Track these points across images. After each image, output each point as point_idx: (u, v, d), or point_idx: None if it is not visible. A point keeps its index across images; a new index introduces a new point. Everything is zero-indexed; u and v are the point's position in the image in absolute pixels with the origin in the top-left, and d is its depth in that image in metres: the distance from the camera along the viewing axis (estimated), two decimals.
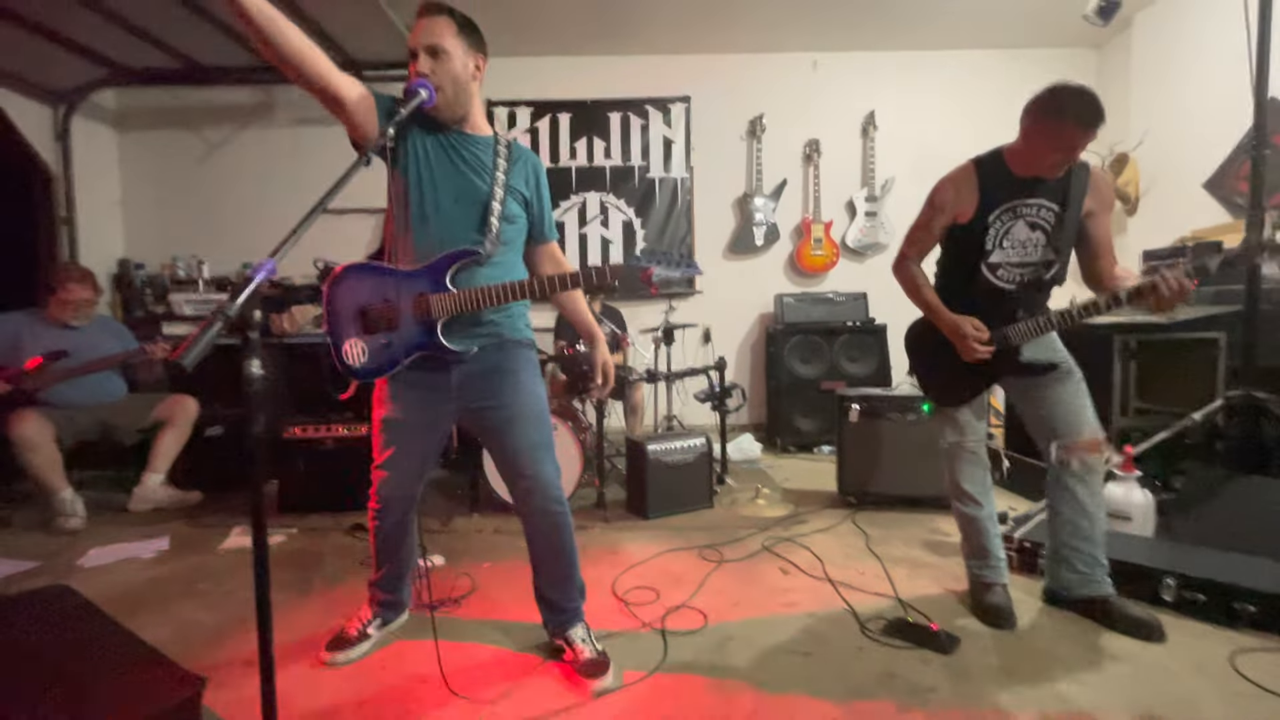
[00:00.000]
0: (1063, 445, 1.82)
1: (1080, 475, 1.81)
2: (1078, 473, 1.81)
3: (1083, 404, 1.83)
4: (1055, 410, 1.83)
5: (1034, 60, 4.56)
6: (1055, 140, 1.67)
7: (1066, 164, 1.72)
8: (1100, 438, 1.83)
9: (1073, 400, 1.82)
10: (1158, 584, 1.92)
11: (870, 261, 4.82)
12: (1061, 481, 1.84)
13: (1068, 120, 1.64)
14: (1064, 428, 1.82)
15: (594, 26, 4.31)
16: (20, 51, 3.55)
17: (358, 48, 3.90)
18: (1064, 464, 1.83)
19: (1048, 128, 1.67)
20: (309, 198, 1.11)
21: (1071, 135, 1.65)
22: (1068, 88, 1.65)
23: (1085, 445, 1.81)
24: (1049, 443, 1.86)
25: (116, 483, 3.37)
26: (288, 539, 2.68)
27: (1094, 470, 1.82)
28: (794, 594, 2.11)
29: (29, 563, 2.46)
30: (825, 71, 4.77)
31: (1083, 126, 1.63)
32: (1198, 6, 3.50)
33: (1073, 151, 1.68)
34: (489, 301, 1.53)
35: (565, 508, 1.67)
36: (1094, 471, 1.82)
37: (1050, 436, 1.85)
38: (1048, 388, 1.83)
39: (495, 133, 1.66)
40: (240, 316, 0.89)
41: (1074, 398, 1.83)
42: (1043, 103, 1.68)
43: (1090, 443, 1.81)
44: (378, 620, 1.82)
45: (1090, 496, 1.82)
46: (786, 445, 4.22)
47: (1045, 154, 1.70)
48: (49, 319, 3.01)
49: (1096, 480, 1.83)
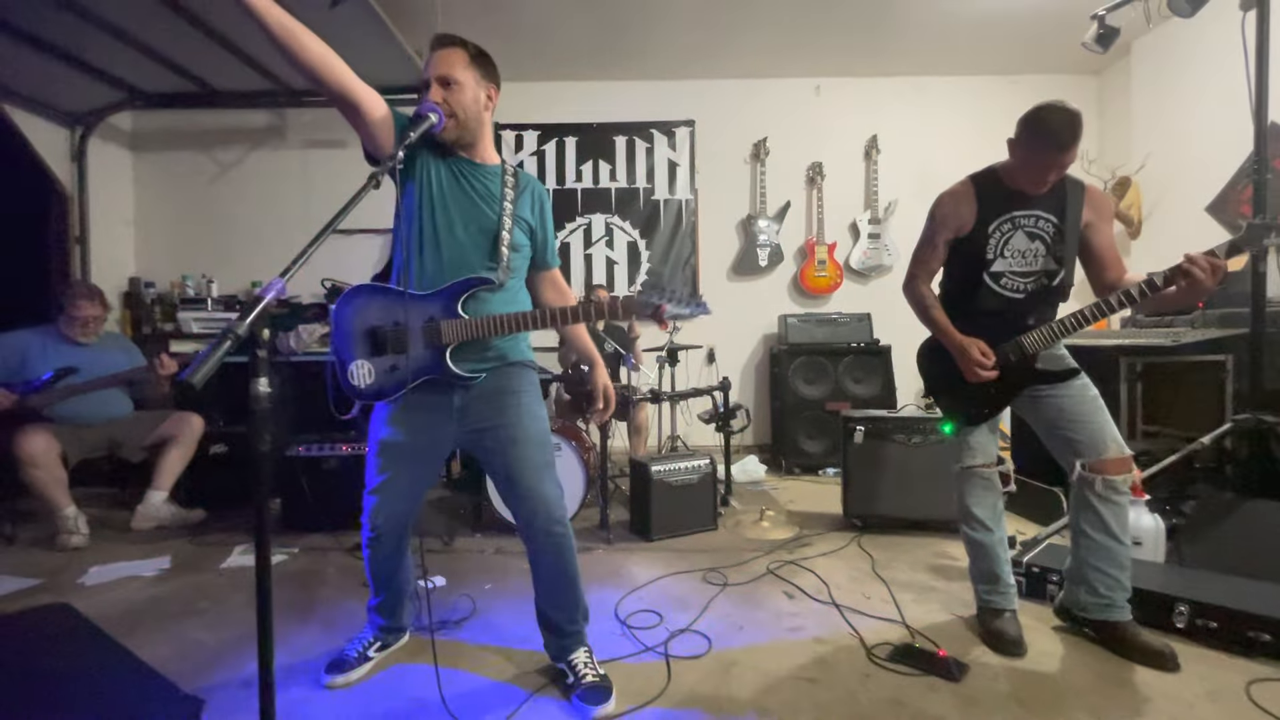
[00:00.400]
0: (1087, 464, 1.78)
1: (1105, 495, 1.76)
2: (1102, 493, 1.76)
3: (1104, 420, 1.79)
4: (1076, 427, 1.79)
5: (1035, 86, 4.62)
6: (1034, 158, 1.72)
7: (1048, 180, 1.76)
8: (1127, 455, 1.78)
9: (1094, 416, 1.79)
10: (1169, 610, 1.89)
11: (874, 283, 4.83)
12: (1086, 502, 1.79)
13: (1044, 140, 1.69)
14: (1087, 446, 1.78)
15: (600, 52, 4.40)
16: (41, 75, 3.64)
17: (370, 75, 3.96)
18: (1088, 483, 1.78)
19: (1029, 145, 1.73)
20: (317, 218, 1.13)
21: (1047, 154, 1.69)
22: (1048, 107, 1.70)
23: (1111, 464, 1.76)
24: (1071, 461, 1.81)
25: (120, 500, 3.38)
26: (289, 558, 2.67)
27: (1120, 490, 1.77)
28: (799, 619, 2.08)
29: (30, 580, 2.45)
30: (828, 96, 4.85)
31: (1058, 147, 1.68)
32: (1195, 33, 3.54)
33: (1051, 169, 1.72)
34: (500, 330, 1.54)
35: (568, 529, 1.66)
36: (1120, 491, 1.77)
37: (1073, 455, 1.80)
38: (1065, 405, 1.81)
39: (503, 160, 1.68)
40: (249, 335, 0.90)
41: (1095, 414, 1.79)
42: (1025, 122, 1.74)
43: (1116, 461, 1.76)
44: (378, 643, 1.80)
45: (1116, 518, 1.77)
46: (791, 467, 4.19)
47: (1030, 170, 1.75)
48: (60, 336, 3.04)
49: (1123, 500, 1.78)
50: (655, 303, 1.50)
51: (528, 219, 1.66)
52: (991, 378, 1.80)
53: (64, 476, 2.87)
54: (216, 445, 3.35)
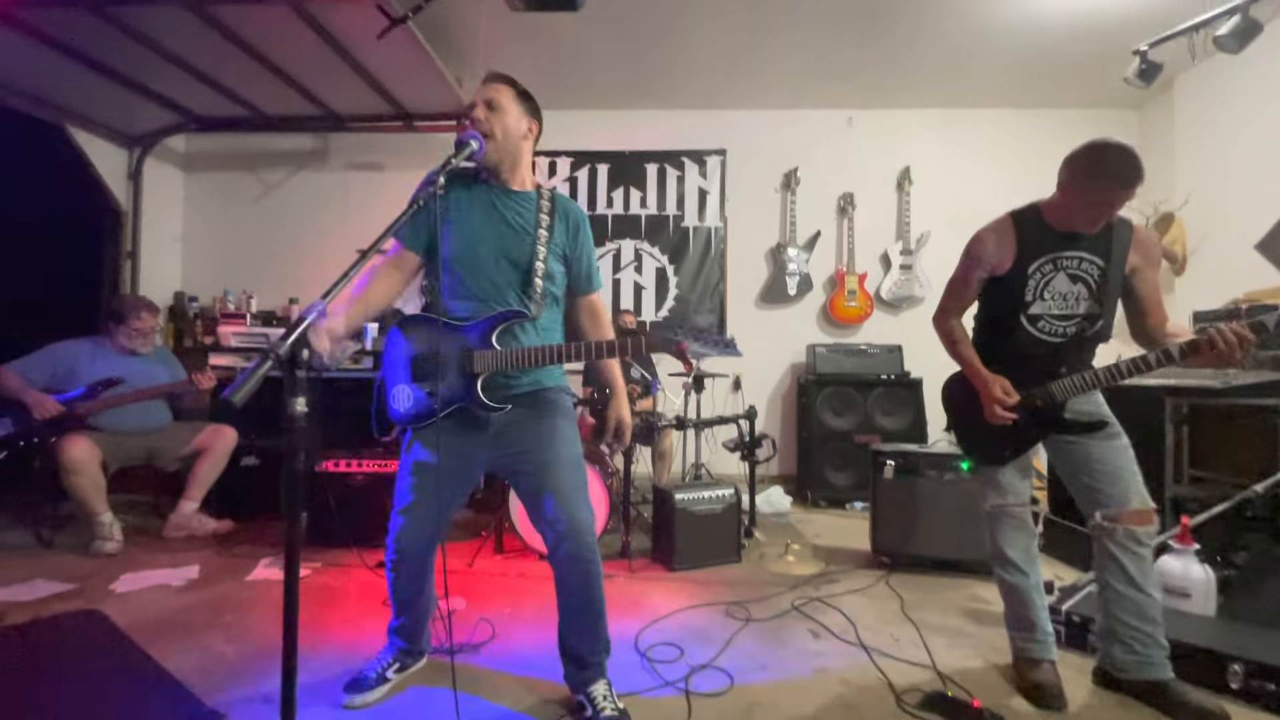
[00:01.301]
0: (1108, 514, 1.72)
1: (1126, 545, 1.70)
2: (1123, 543, 1.70)
3: (1131, 471, 1.73)
4: (1102, 478, 1.73)
5: (1073, 120, 4.56)
6: (1093, 195, 1.65)
7: (1103, 220, 1.70)
8: (1150, 509, 1.72)
9: (1121, 467, 1.73)
10: (1223, 669, 1.78)
11: (905, 314, 4.77)
12: (1107, 552, 1.73)
13: (1106, 178, 1.62)
14: (1110, 496, 1.72)
15: (634, 82, 4.48)
16: (106, 99, 3.84)
17: (412, 100, 4.11)
18: (1108, 533, 1.72)
19: (1086, 183, 1.65)
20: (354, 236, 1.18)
21: (1109, 192, 1.63)
22: (1108, 144, 1.64)
23: (1134, 516, 1.70)
24: (1092, 510, 1.76)
25: (154, 508, 3.45)
26: (313, 573, 2.69)
27: (1141, 541, 1.70)
28: (825, 659, 2.01)
29: (66, 585, 2.51)
30: (860, 127, 4.85)
31: (1121, 185, 1.61)
32: (1240, 68, 3.47)
33: (1110, 208, 1.67)
34: (530, 363, 1.56)
35: (597, 555, 1.64)
36: (1141, 542, 1.70)
37: (1095, 504, 1.75)
38: (1093, 452, 1.75)
39: (539, 185, 1.71)
40: (290, 355, 0.92)
41: (1122, 464, 1.73)
42: (1082, 158, 1.67)
43: (1139, 513, 1.70)
44: (396, 664, 1.79)
45: (1139, 569, 1.70)
46: (817, 499, 4.11)
47: (1082, 209, 1.69)
48: (110, 346, 3.16)
49: (1146, 553, 1.70)
50: (675, 340, 1.47)
51: (563, 246, 1.68)
52: (1009, 420, 1.75)
53: (103, 484, 2.95)
54: (248, 457, 3.42)
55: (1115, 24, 3.50)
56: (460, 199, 1.61)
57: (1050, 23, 3.60)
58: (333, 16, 3.11)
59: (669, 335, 1.48)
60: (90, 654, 1.63)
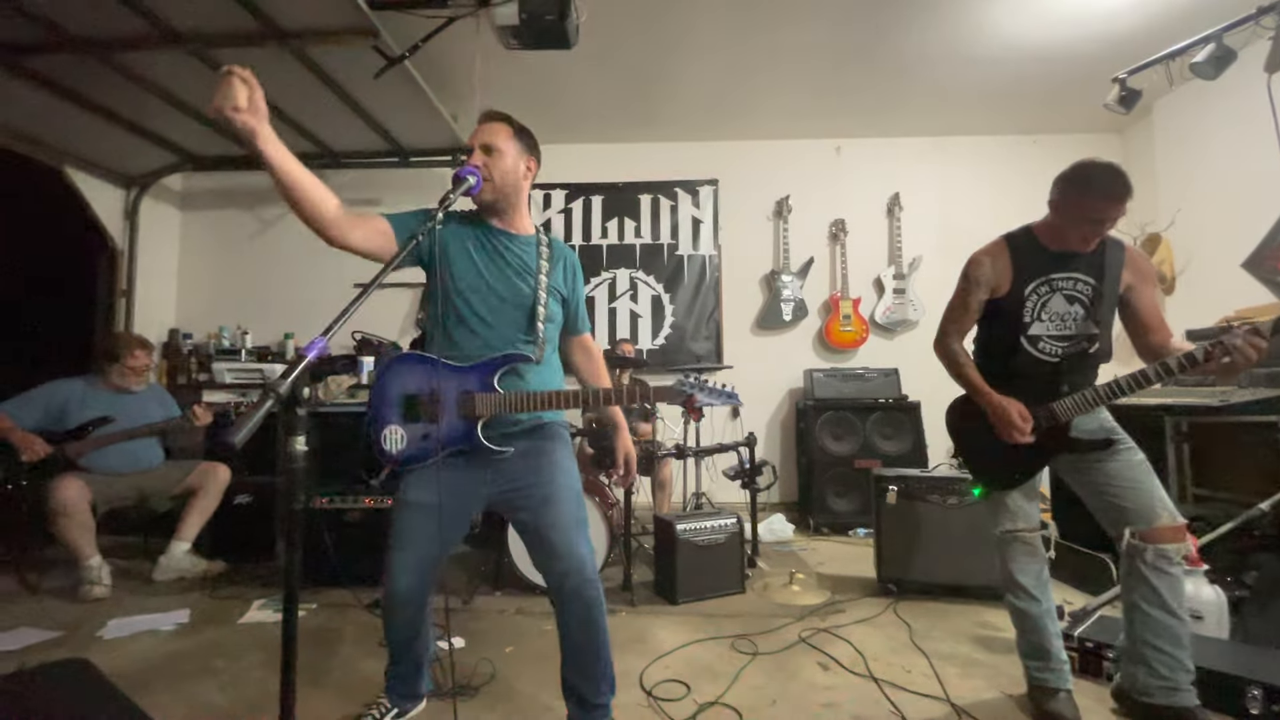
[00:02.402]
0: (1137, 533, 1.68)
1: (1158, 566, 1.65)
2: (1154, 563, 1.65)
3: (1153, 485, 1.70)
4: (1124, 493, 1.70)
5: (1057, 145, 4.66)
6: (1084, 212, 1.68)
7: (1095, 237, 1.73)
8: (1181, 524, 1.67)
9: (1142, 481, 1.70)
10: (1241, 694, 1.74)
11: (900, 338, 4.79)
12: (1138, 573, 1.68)
13: (1094, 194, 1.66)
14: (1136, 513, 1.69)
15: (626, 116, 4.57)
16: (103, 140, 3.88)
17: (408, 137, 4.17)
18: (1139, 553, 1.67)
19: (1077, 200, 1.69)
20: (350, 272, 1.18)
21: (1100, 209, 1.66)
22: (1095, 162, 1.69)
23: (1163, 533, 1.66)
24: (1120, 529, 1.71)
25: (144, 549, 3.38)
26: (308, 614, 2.62)
27: (1173, 560, 1.65)
28: (835, 692, 1.96)
29: (51, 633, 2.43)
30: (849, 156, 4.94)
31: (1111, 200, 1.65)
32: (1217, 93, 3.56)
33: (1102, 225, 1.69)
34: (533, 407, 1.56)
35: (600, 590, 1.60)
36: (1173, 562, 1.66)
37: (1121, 523, 1.71)
38: (1109, 469, 1.72)
39: (537, 230, 1.72)
40: (291, 394, 0.91)
41: (1140, 478, 1.71)
42: (1071, 176, 1.71)
43: (1169, 529, 1.66)
44: (394, 710, 1.73)
45: (1171, 591, 1.65)
46: (819, 526, 4.06)
47: (1075, 226, 1.71)
48: (102, 385, 3.12)
49: (1177, 572, 1.66)
50: (686, 393, 1.54)
51: (561, 289, 1.70)
52: (1029, 441, 1.74)
53: (92, 526, 2.89)
54: (241, 495, 3.35)
55: (1095, 52, 3.61)
56: (463, 236, 1.62)
57: (1033, 52, 3.71)
58: (330, 58, 3.17)
59: (678, 388, 1.54)
60: (75, 705, 1.56)
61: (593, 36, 3.28)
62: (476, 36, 3.23)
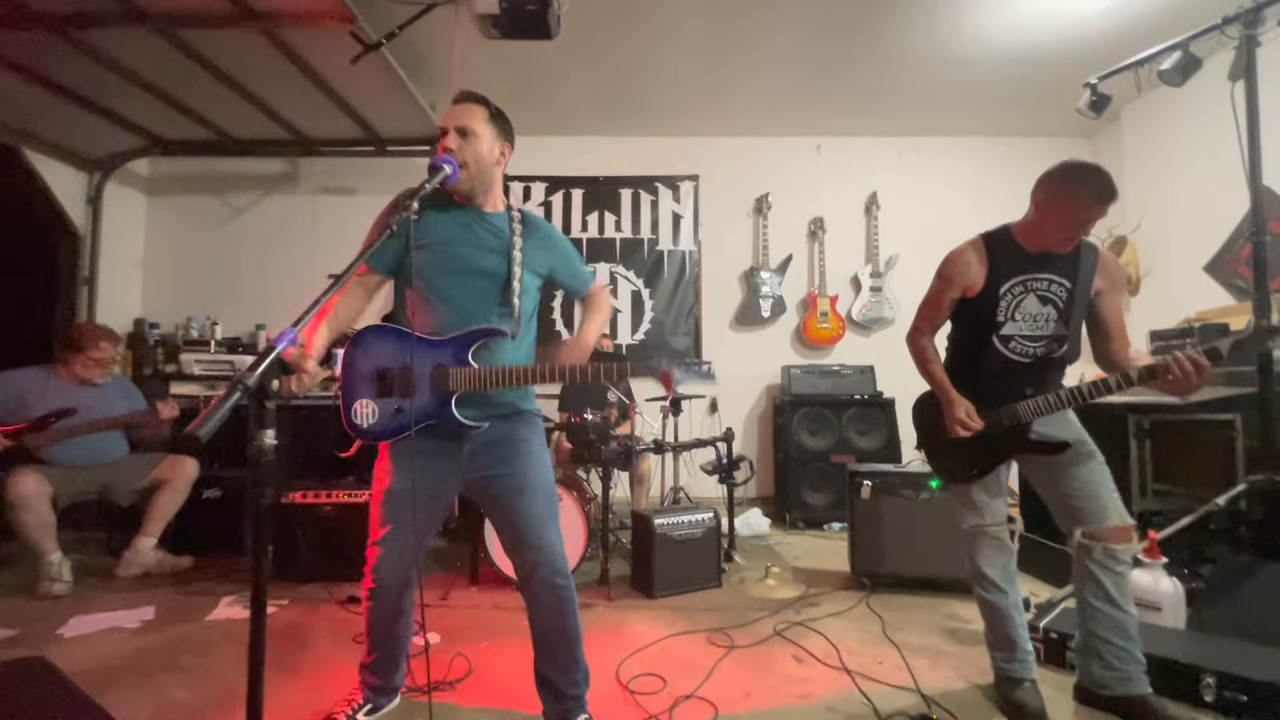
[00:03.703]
0: (1087, 532, 1.75)
1: (1104, 564, 1.73)
2: (1102, 560, 1.73)
3: (1107, 488, 1.77)
4: (1078, 494, 1.77)
5: (1029, 148, 4.76)
6: (1069, 212, 1.70)
7: (1076, 237, 1.75)
8: (1129, 525, 1.75)
9: (1097, 484, 1.77)
10: (1196, 681, 1.81)
11: (876, 335, 4.85)
12: (1086, 570, 1.76)
13: (1082, 193, 1.68)
14: (1088, 514, 1.75)
15: (607, 109, 4.55)
16: (64, 121, 3.73)
17: (385, 125, 4.10)
18: (1087, 551, 1.75)
19: (1063, 199, 1.71)
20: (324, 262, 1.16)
21: (1086, 208, 1.68)
22: (1083, 163, 1.72)
23: (1111, 533, 1.73)
24: (1072, 528, 1.79)
25: (107, 545, 3.28)
26: (279, 610, 2.58)
27: (1120, 559, 1.73)
28: (809, 684, 1.99)
29: (6, 631, 2.36)
30: (828, 155, 4.98)
31: (1098, 200, 1.67)
32: (1183, 100, 3.66)
33: (1084, 225, 1.72)
34: (507, 382, 1.54)
35: (570, 582, 1.60)
36: (1120, 560, 1.73)
37: (1074, 521, 1.78)
38: (1069, 470, 1.78)
39: (509, 205, 1.70)
40: (259, 386, 0.89)
41: (1097, 481, 1.77)
42: (1060, 175, 1.73)
43: (1117, 530, 1.74)
44: (368, 705, 1.72)
45: (1117, 586, 1.73)
46: (795, 520, 4.11)
47: (1057, 227, 1.73)
48: (62, 376, 3.01)
49: (1124, 571, 1.74)
50: (664, 368, 1.54)
51: (535, 262, 1.66)
52: (965, 436, 1.78)
53: (52, 521, 2.80)
54: (210, 490, 3.28)
55: (1068, 57, 3.68)
56: (436, 219, 1.59)
57: (1009, 55, 3.77)
58: (304, 42, 3.09)
59: (655, 364, 1.52)
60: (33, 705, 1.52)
61: (574, 28, 3.24)
62: (456, 25, 3.19)
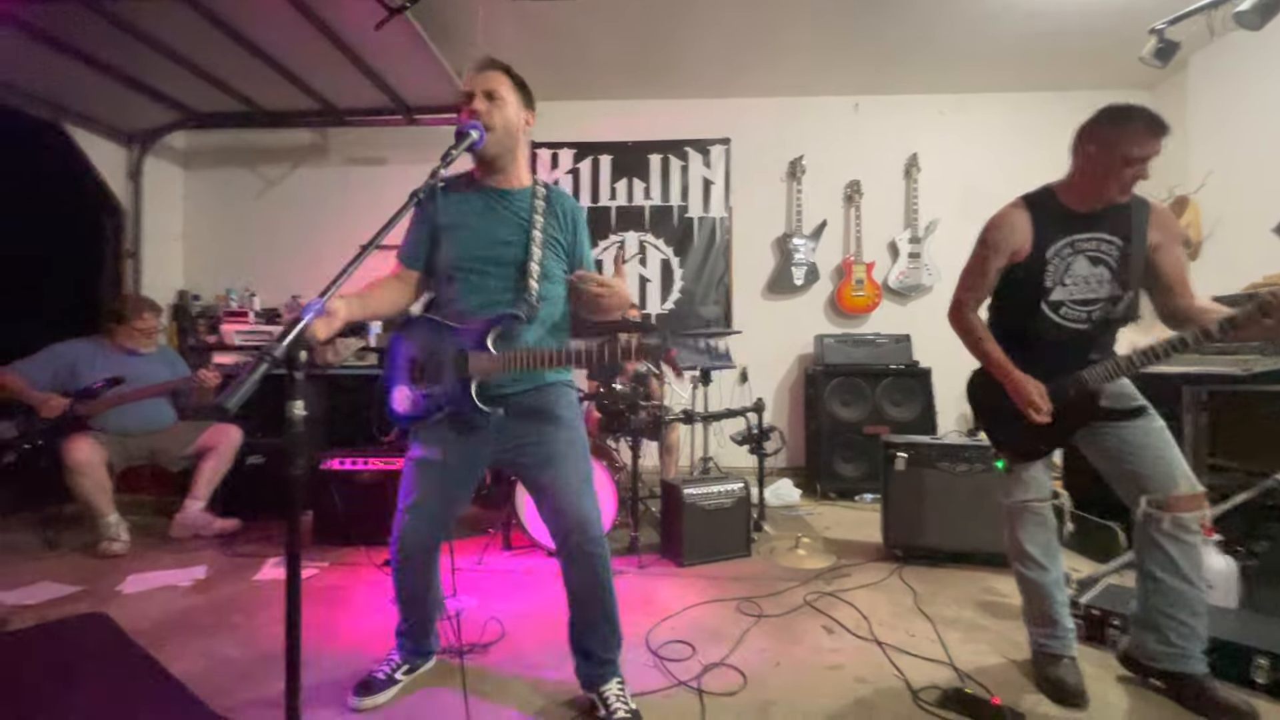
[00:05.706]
0: (1154, 500, 1.65)
1: (1174, 535, 1.63)
2: (1171, 532, 1.63)
3: (1173, 454, 1.66)
4: (1143, 462, 1.66)
5: (1082, 102, 4.38)
6: (1124, 151, 1.58)
7: (1134, 181, 1.63)
8: (1200, 492, 1.64)
9: (1162, 449, 1.66)
10: (1248, 662, 1.74)
11: (913, 303, 4.71)
12: (1154, 541, 1.66)
13: (1135, 129, 1.57)
14: (1155, 481, 1.65)
15: (636, 71, 4.42)
16: (104, 97, 3.81)
17: (412, 93, 4.07)
18: (1155, 522, 1.65)
19: (1115, 140, 1.59)
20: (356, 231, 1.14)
21: (1140, 144, 1.57)
22: (1125, 103, 1.62)
23: (1181, 501, 1.62)
24: (1137, 498, 1.68)
25: (159, 508, 3.44)
26: (319, 572, 2.67)
27: (1190, 529, 1.63)
28: (839, 655, 1.98)
29: (71, 587, 2.50)
30: (866, 114, 4.78)
31: (1151, 134, 1.57)
32: (1256, 47, 3.39)
33: (1140, 165, 1.60)
34: (524, 366, 1.53)
35: (605, 549, 1.61)
36: (1191, 530, 1.63)
37: (1139, 490, 1.67)
38: (1129, 436, 1.68)
39: (535, 180, 1.66)
40: (286, 356, 0.88)
41: (1163, 447, 1.66)
42: (1104, 119, 1.63)
43: (1187, 498, 1.62)
44: (405, 665, 1.77)
45: (1188, 559, 1.63)
46: (827, 491, 4.07)
47: (1113, 173, 1.61)
48: (111, 347, 3.13)
49: (1195, 540, 1.64)
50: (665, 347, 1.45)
51: (559, 239, 1.64)
52: (1046, 421, 1.70)
53: (109, 484, 2.94)
54: (253, 456, 3.40)
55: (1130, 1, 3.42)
56: (456, 203, 1.59)
57: (1066, 2, 3.52)
58: (330, 8, 3.06)
59: (659, 342, 1.46)
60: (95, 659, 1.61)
61: None
62: None
